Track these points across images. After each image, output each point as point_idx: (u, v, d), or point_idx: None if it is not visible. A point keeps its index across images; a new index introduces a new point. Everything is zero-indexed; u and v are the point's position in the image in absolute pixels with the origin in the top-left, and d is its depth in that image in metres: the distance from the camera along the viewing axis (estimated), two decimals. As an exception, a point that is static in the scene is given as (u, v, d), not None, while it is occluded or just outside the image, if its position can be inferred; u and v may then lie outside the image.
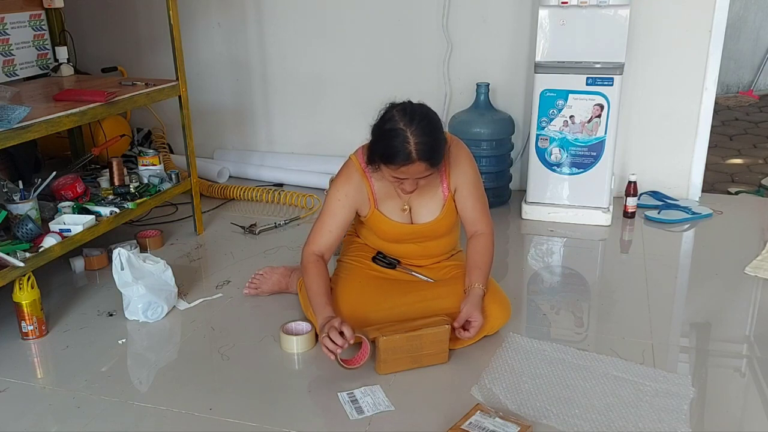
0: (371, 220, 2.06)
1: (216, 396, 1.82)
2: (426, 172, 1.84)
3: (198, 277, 2.58)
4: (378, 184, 2.01)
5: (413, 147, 1.77)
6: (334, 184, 2.05)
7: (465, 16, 3.33)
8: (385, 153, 1.81)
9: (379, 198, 2.03)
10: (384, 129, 1.82)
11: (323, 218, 2.04)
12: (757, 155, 4.46)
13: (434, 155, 1.82)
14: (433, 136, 1.81)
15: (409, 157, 1.78)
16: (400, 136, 1.77)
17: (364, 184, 2.01)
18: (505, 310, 2.05)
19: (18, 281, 2.08)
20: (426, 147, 1.78)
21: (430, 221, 2.05)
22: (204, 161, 3.72)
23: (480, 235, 2.08)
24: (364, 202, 2.03)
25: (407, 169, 1.81)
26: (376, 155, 1.85)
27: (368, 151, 1.90)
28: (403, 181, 1.88)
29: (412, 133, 1.77)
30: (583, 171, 2.99)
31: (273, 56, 3.74)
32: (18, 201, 2.32)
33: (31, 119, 2.13)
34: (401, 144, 1.77)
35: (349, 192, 2.00)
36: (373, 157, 1.88)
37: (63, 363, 2.01)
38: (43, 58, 3.15)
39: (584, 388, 1.81)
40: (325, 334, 1.81)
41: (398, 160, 1.79)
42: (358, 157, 2.01)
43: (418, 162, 1.79)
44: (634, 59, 3.09)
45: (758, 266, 2.54)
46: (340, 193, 2.01)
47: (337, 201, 2.01)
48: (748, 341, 2.12)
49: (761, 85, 6.23)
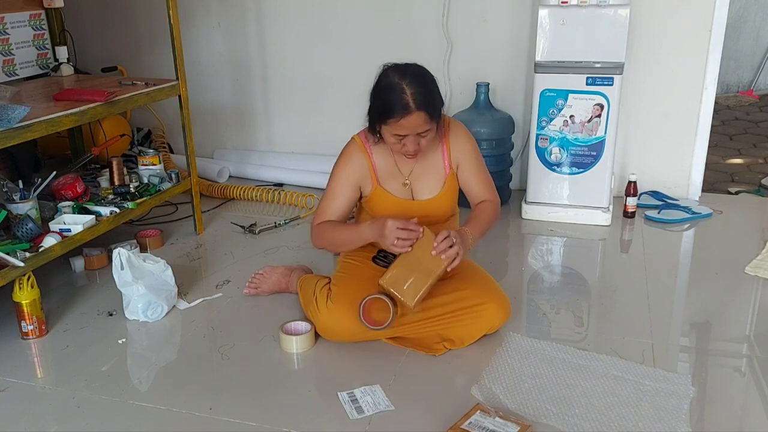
0: (373, 197, 2.07)
1: (216, 396, 1.82)
2: (425, 125, 1.86)
3: (198, 276, 2.58)
4: (379, 161, 2.04)
5: (410, 97, 1.81)
6: (335, 165, 2.08)
7: (465, 16, 3.33)
8: (384, 108, 1.86)
9: (380, 176, 2.05)
10: (380, 87, 1.88)
11: (327, 199, 2.07)
12: (757, 155, 4.46)
13: (431, 104, 1.86)
14: (428, 87, 1.87)
15: (407, 107, 1.82)
16: (396, 88, 1.83)
17: (366, 162, 2.04)
18: (504, 309, 2.05)
19: (18, 281, 2.08)
20: (422, 96, 1.83)
21: (431, 197, 2.07)
22: (204, 161, 3.72)
23: (485, 201, 2.11)
24: (366, 179, 2.05)
25: (407, 121, 1.83)
26: (375, 115, 1.90)
27: (368, 116, 1.95)
28: (404, 141, 1.90)
29: (408, 85, 1.82)
30: (583, 171, 2.99)
31: (273, 56, 3.74)
32: (18, 201, 2.32)
33: (31, 119, 2.13)
34: (398, 96, 1.82)
35: (351, 170, 2.04)
36: (373, 120, 1.93)
37: (63, 363, 2.01)
38: (43, 58, 3.16)
39: (584, 388, 1.81)
40: (394, 233, 1.82)
41: (397, 112, 1.83)
42: (360, 137, 2.06)
43: (416, 112, 1.82)
44: (634, 59, 3.09)
45: (758, 266, 2.54)
46: (342, 172, 2.05)
47: (340, 180, 2.05)
48: (748, 341, 2.12)
49: (761, 85, 6.23)
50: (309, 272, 2.42)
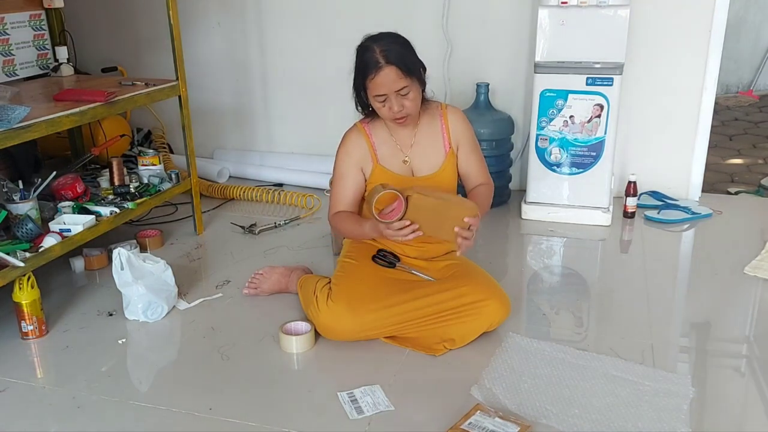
0: (374, 177, 2.10)
1: (216, 396, 1.82)
2: (399, 80, 1.92)
3: (198, 277, 2.58)
4: (379, 142, 2.11)
5: (379, 54, 1.91)
6: (338, 151, 2.14)
7: (465, 16, 3.33)
8: (359, 71, 1.96)
9: (381, 155, 2.11)
10: (357, 54, 1.98)
11: (336, 185, 2.14)
12: (757, 155, 4.46)
13: (403, 59, 1.92)
14: (399, 45, 1.96)
15: (377, 63, 1.90)
16: (369, 49, 1.93)
17: (365, 142, 2.11)
18: (504, 306, 2.05)
19: (18, 281, 2.08)
20: (392, 52, 1.91)
21: (431, 173, 2.11)
22: (204, 161, 3.72)
23: (483, 184, 2.17)
24: (367, 159, 2.10)
25: (380, 77, 1.91)
26: (356, 82, 2.00)
27: (353, 88, 2.04)
28: (386, 101, 1.96)
29: (378, 45, 1.93)
30: (583, 171, 2.99)
31: (273, 56, 3.74)
32: (18, 201, 2.32)
33: (31, 119, 2.13)
34: (370, 55, 1.92)
35: (352, 151, 2.11)
36: (356, 89, 2.03)
37: (63, 363, 2.02)
38: (43, 58, 3.16)
39: (584, 388, 1.82)
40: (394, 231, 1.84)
41: (370, 70, 1.92)
42: (361, 122, 2.14)
43: (387, 66, 1.90)
44: (634, 59, 3.09)
45: (758, 266, 2.55)
46: (344, 155, 2.12)
47: (343, 162, 2.12)
48: (748, 341, 2.12)
49: (761, 85, 6.24)
50: (309, 272, 2.43)
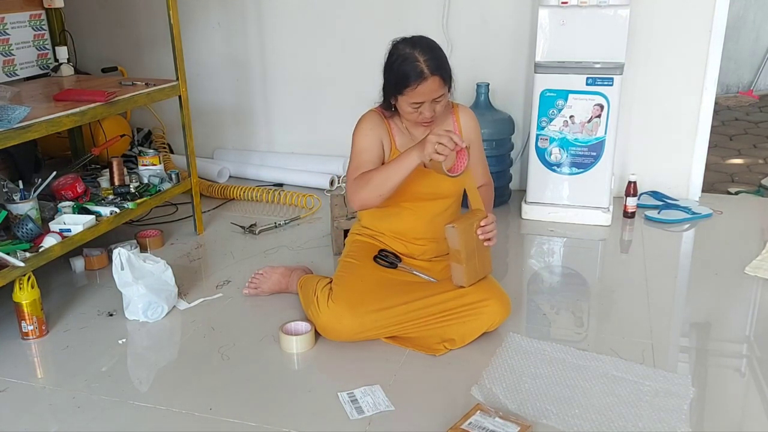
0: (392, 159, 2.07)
1: (216, 396, 1.82)
2: (440, 89, 1.92)
3: (198, 277, 2.58)
4: (395, 131, 2.10)
5: (423, 64, 1.88)
6: (356, 130, 2.08)
7: (465, 16, 3.33)
8: (399, 79, 1.91)
9: (398, 143, 2.10)
10: (393, 60, 1.94)
11: (357, 157, 2.04)
12: (757, 155, 4.46)
13: (444, 69, 1.92)
14: (438, 53, 1.93)
15: (422, 73, 1.88)
16: (410, 58, 1.89)
17: (385, 126, 2.09)
18: (504, 306, 2.06)
19: (18, 281, 2.08)
20: (435, 61, 1.89)
21: None
22: (204, 161, 3.72)
23: (485, 185, 2.20)
24: (386, 139, 2.08)
25: (423, 87, 1.89)
26: (391, 88, 1.96)
27: (383, 93, 2.01)
28: (421, 108, 1.94)
29: (420, 53, 1.89)
30: (583, 171, 2.99)
31: (273, 56, 3.74)
32: (18, 201, 2.32)
33: (31, 119, 2.13)
34: (411, 64, 1.88)
35: (374, 127, 2.07)
36: (388, 95, 1.99)
37: (63, 363, 2.01)
38: (43, 58, 3.16)
39: (584, 388, 1.82)
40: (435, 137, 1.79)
41: (412, 80, 1.88)
42: (377, 108, 2.11)
43: (431, 77, 1.88)
44: (634, 59, 3.09)
45: (758, 266, 2.54)
46: (364, 130, 2.06)
47: (365, 137, 2.05)
48: (748, 341, 2.12)
49: (761, 85, 6.24)
50: (309, 272, 2.42)
